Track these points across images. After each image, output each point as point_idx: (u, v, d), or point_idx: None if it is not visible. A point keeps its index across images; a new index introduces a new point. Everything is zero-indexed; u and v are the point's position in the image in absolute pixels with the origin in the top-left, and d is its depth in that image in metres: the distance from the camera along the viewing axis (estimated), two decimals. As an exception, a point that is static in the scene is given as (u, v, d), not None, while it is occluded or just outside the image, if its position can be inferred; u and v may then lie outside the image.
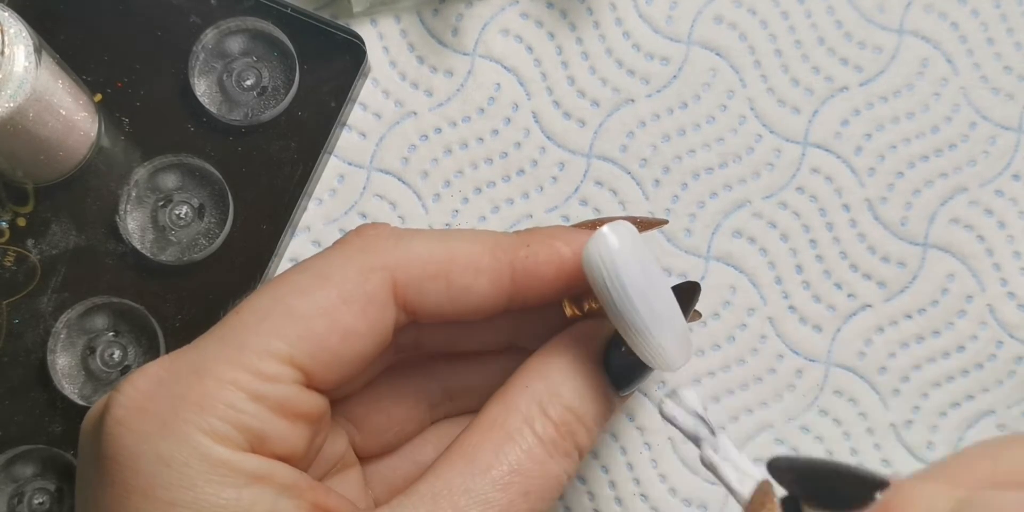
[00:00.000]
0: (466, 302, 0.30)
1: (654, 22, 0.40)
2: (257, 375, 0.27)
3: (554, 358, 0.30)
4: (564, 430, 0.29)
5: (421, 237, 0.31)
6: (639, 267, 0.28)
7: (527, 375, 0.30)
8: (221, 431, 0.27)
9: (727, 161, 0.40)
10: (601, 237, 0.28)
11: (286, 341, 0.28)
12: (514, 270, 0.30)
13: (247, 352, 0.28)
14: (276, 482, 0.27)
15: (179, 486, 0.26)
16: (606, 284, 0.28)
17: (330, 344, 0.28)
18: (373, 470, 0.34)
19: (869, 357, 0.39)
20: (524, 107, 0.40)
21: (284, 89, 0.39)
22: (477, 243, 0.30)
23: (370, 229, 0.31)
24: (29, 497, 0.37)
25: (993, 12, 0.40)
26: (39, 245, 0.38)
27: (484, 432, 0.29)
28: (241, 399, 0.27)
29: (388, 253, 0.30)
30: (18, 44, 0.33)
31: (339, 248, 0.30)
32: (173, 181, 0.38)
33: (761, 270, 0.39)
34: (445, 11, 0.40)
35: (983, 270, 0.39)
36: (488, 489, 0.28)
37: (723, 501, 0.38)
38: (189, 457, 0.26)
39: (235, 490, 0.26)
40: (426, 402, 0.34)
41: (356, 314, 0.29)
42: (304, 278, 0.29)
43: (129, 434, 0.27)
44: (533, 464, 0.29)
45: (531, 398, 0.29)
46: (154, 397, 0.27)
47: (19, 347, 0.38)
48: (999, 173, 0.39)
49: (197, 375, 0.27)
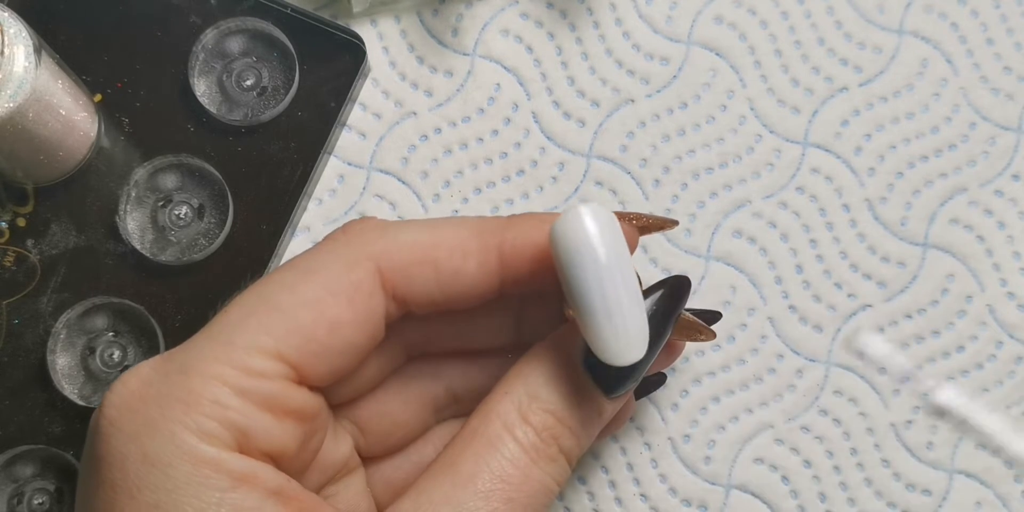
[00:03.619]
0: (456, 287, 0.30)
1: (654, 22, 0.40)
2: (243, 370, 0.27)
3: (535, 362, 0.30)
4: (546, 435, 0.29)
5: (407, 226, 0.30)
6: (602, 251, 0.27)
7: (508, 381, 0.30)
8: (207, 428, 0.27)
9: (727, 161, 0.40)
10: (571, 215, 0.27)
11: (273, 336, 0.28)
12: (502, 252, 0.30)
13: (233, 348, 0.28)
14: (262, 485, 0.27)
15: (162, 488, 0.26)
16: (564, 260, 0.27)
17: (318, 336, 0.28)
18: (375, 471, 0.34)
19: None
20: (524, 107, 0.40)
21: (284, 89, 0.39)
22: (463, 227, 0.30)
23: (356, 224, 0.31)
24: (29, 497, 0.37)
25: (993, 12, 0.40)
26: (39, 245, 0.38)
27: (466, 441, 0.29)
28: (226, 395, 0.27)
29: (373, 243, 0.30)
30: (18, 44, 0.33)
31: (325, 243, 0.30)
32: (173, 181, 0.38)
33: (761, 270, 0.39)
34: (445, 11, 0.40)
35: (983, 270, 0.39)
36: (470, 498, 0.28)
37: (723, 501, 0.38)
38: (173, 457, 0.26)
39: (218, 493, 0.26)
40: (432, 405, 0.34)
41: (343, 305, 0.29)
42: (290, 274, 0.29)
43: (118, 434, 0.27)
44: (516, 470, 0.28)
45: (511, 404, 0.29)
46: (143, 397, 0.27)
47: (19, 347, 0.38)
48: (999, 173, 0.39)
49: (184, 373, 0.27)
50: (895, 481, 0.38)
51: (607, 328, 0.27)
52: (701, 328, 0.33)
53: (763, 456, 0.38)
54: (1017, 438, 0.38)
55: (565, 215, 0.27)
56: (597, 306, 0.27)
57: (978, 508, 0.38)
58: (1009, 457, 0.38)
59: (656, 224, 0.33)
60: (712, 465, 0.38)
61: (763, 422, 0.38)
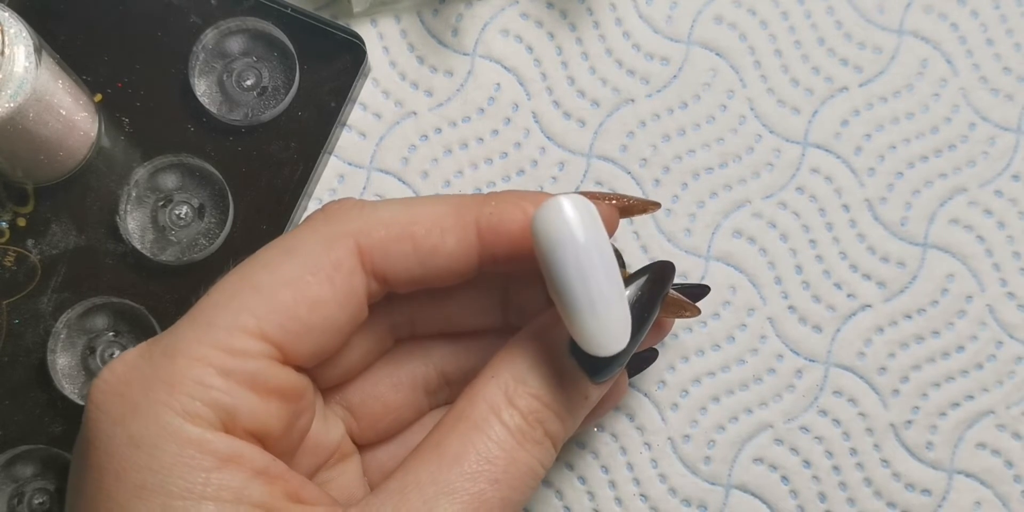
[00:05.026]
0: (436, 263, 0.30)
1: (654, 22, 0.40)
2: (226, 350, 0.28)
3: (521, 347, 0.30)
4: (532, 419, 0.29)
5: (385, 204, 0.31)
6: (583, 241, 0.27)
7: (494, 365, 0.30)
8: (191, 409, 0.27)
9: (727, 161, 0.40)
10: (551, 204, 0.27)
11: (254, 315, 0.28)
12: (480, 228, 0.30)
13: (216, 329, 0.28)
14: (247, 465, 0.27)
15: (148, 468, 0.26)
16: (544, 252, 0.27)
17: (299, 314, 0.28)
18: (371, 458, 0.34)
19: (869, 357, 0.39)
20: (524, 107, 0.40)
21: (284, 89, 0.39)
22: (441, 204, 0.30)
23: (335, 203, 0.31)
24: (29, 497, 0.37)
25: (993, 13, 0.40)
26: (39, 245, 0.38)
27: (452, 424, 0.29)
28: (210, 374, 0.27)
29: (352, 221, 0.30)
30: (18, 44, 0.33)
31: (305, 223, 0.31)
32: (173, 181, 0.38)
33: (761, 270, 0.39)
34: (445, 11, 0.40)
35: (983, 270, 0.39)
36: (456, 479, 0.28)
37: (723, 501, 0.38)
38: (159, 438, 0.26)
39: (204, 473, 0.26)
40: (422, 388, 0.34)
41: (323, 283, 0.29)
42: (271, 254, 0.30)
43: (104, 418, 0.27)
44: (502, 453, 0.28)
45: (497, 388, 0.29)
46: (129, 381, 0.27)
47: (19, 347, 0.38)
48: (999, 174, 0.39)
49: (169, 356, 0.28)
50: (895, 481, 0.38)
51: (590, 320, 0.28)
52: (686, 305, 0.33)
53: (763, 456, 0.38)
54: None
55: (545, 207, 0.27)
56: (579, 299, 0.27)
57: (978, 508, 0.38)
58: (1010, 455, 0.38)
59: (638, 206, 0.33)
60: (712, 465, 0.38)
61: (763, 422, 0.38)
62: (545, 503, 0.38)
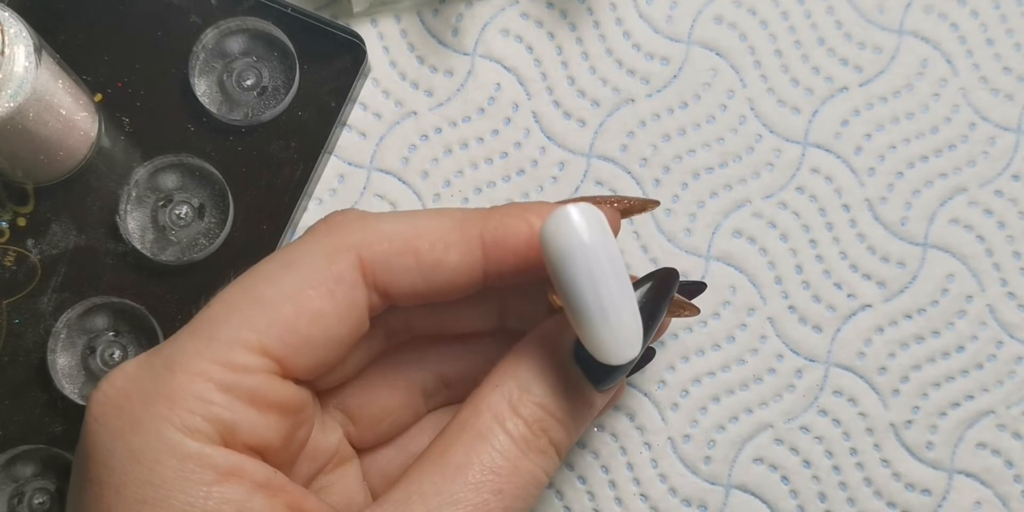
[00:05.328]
0: (439, 278, 0.30)
1: (654, 22, 0.40)
2: (226, 366, 0.27)
3: (525, 355, 0.30)
4: (536, 427, 0.29)
5: (388, 217, 0.30)
6: (594, 250, 0.27)
7: (498, 374, 0.30)
8: (191, 424, 0.27)
9: (727, 161, 0.40)
10: (560, 215, 0.27)
11: (255, 330, 0.28)
12: (484, 242, 0.30)
13: (216, 343, 0.28)
14: (248, 479, 0.27)
15: (148, 483, 0.26)
16: (555, 263, 0.27)
17: (300, 328, 0.28)
18: (370, 462, 0.34)
19: (869, 357, 0.39)
20: (524, 107, 0.40)
21: (284, 89, 0.39)
22: (444, 218, 0.30)
23: (337, 215, 0.31)
24: (29, 497, 0.37)
25: (993, 13, 0.40)
26: (39, 245, 0.38)
27: (456, 433, 0.29)
28: (210, 390, 0.27)
29: (354, 234, 0.30)
30: (18, 44, 0.33)
31: (307, 235, 0.30)
32: (173, 181, 0.38)
33: (761, 270, 0.39)
34: (445, 11, 0.40)
35: (983, 270, 0.39)
36: (460, 489, 0.28)
37: (723, 501, 0.38)
38: (159, 453, 0.26)
39: (205, 487, 0.26)
40: (420, 390, 0.34)
41: (324, 296, 0.29)
42: (272, 267, 0.29)
43: (105, 431, 0.27)
44: (506, 462, 0.28)
45: (501, 397, 0.29)
46: (128, 394, 0.27)
47: (19, 347, 0.38)
48: (999, 173, 0.39)
49: (169, 370, 0.27)
50: (895, 481, 0.38)
51: (603, 329, 0.27)
52: (684, 304, 0.33)
53: (763, 456, 0.38)
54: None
55: (554, 217, 0.27)
56: (591, 307, 0.27)
57: (978, 508, 0.38)
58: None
59: (638, 206, 0.33)
60: (712, 465, 0.38)
61: (763, 422, 0.38)
62: (545, 503, 0.38)
